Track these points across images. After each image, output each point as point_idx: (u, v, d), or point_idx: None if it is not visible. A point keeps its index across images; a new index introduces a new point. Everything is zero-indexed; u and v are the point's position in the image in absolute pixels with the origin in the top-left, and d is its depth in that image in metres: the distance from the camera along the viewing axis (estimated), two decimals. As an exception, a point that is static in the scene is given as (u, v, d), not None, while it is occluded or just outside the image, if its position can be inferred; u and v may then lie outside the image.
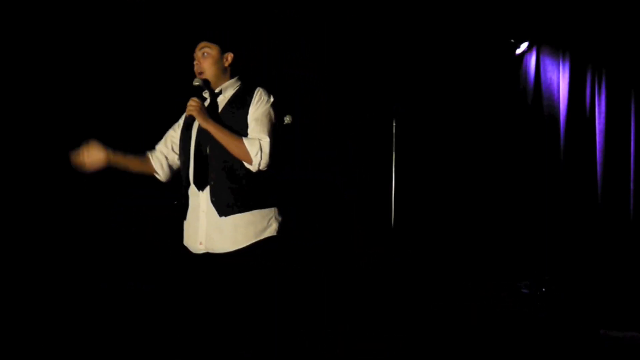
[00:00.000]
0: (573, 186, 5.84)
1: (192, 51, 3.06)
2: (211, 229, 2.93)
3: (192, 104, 2.90)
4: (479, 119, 6.24)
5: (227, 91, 3.06)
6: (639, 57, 5.52)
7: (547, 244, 5.87)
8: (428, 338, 4.22)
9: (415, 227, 5.98)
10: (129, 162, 3.13)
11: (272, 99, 3.03)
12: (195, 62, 3.05)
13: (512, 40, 6.28)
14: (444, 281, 5.69)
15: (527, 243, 5.91)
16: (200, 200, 2.98)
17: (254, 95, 3.01)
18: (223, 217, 2.91)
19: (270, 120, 2.99)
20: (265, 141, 2.91)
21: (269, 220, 2.98)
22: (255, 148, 2.89)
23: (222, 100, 3.04)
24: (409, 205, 5.70)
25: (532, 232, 5.94)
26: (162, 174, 3.18)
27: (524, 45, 6.25)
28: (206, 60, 3.01)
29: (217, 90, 3.05)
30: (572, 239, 5.77)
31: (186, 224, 3.06)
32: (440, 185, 6.19)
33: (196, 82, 3.00)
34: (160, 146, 3.21)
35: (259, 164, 2.89)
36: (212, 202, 2.93)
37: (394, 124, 4.72)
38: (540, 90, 6.12)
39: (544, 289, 4.59)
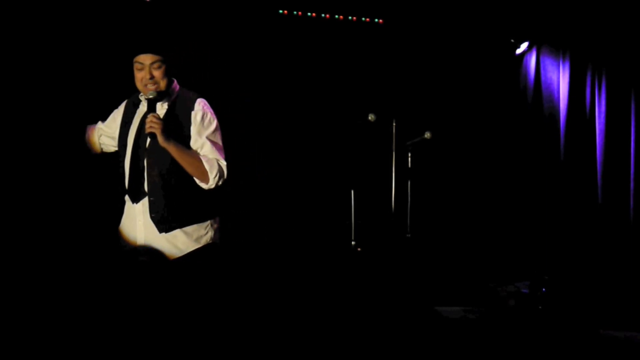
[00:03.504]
0: (573, 186, 5.83)
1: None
2: (149, 239, 2.92)
3: (155, 121, 2.83)
4: (478, 119, 6.25)
5: (165, 100, 3.00)
6: (639, 57, 5.52)
7: (546, 244, 5.87)
8: (428, 338, 4.23)
9: (415, 227, 5.98)
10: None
11: (212, 110, 3.02)
12: (143, 74, 2.94)
13: (512, 40, 6.28)
14: (444, 281, 5.69)
15: (527, 243, 5.91)
16: (136, 211, 2.95)
17: (195, 108, 2.98)
18: (163, 233, 2.91)
19: (220, 137, 3.02)
20: (223, 163, 2.95)
21: (206, 228, 2.99)
22: (215, 170, 2.90)
23: (160, 110, 2.98)
24: (409, 205, 5.70)
25: (532, 232, 5.93)
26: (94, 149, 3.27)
27: (524, 45, 6.25)
28: (160, 71, 2.95)
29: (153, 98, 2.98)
30: (572, 239, 5.77)
31: (122, 227, 3.02)
32: (439, 185, 6.20)
33: (151, 95, 2.92)
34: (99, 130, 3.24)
35: (216, 184, 2.93)
36: (152, 218, 2.91)
37: (394, 124, 4.72)
38: (540, 90, 6.12)
39: (544, 289, 4.59)
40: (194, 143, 2.96)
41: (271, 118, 5.66)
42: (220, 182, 2.93)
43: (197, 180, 2.92)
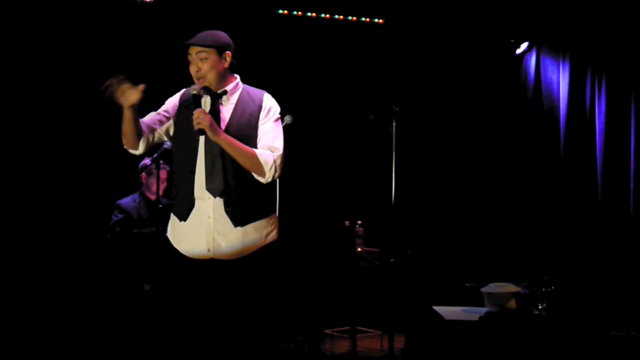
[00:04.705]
0: (573, 186, 5.84)
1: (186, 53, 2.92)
2: (219, 236, 2.87)
3: (202, 116, 2.77)
4: (479, 119, 6.25)
5: (233, 94, 2.96)
6: (639, 58, 5.52)
7: (547, 244, 5.87)
8: (427, 338, 4.22)
9: (415, 227, 5.98)
10: (134, 120, 2.88)
11: (279, 108, 3.01)
12: (192, 66, 2.91)
13: (512, 40, 6.28)
14: (444, 281, 5.69)
15: (527, 243, 5.91)
16: (206, 206, 2.88)
17: (264, 102, 2.97)
18: (239, 227, 2.88)
19: (281, 130, 2.99)
20: (279, 155, 2.91)
21: (272, 224, 2.98)
22: (270, 162, 2.87)
23: (226, 104, 2.95)
24: (409, 206, 5.70)
25: (532, 232, 5.94)
26: (141, 148, 2.98)
27: (524, 45, 6.26)
28: (205, 63, 2.88)
29: (220, 92, 2.94)
30: (572, 239, 5.77)
31: (183, 226, 2.93)
32: (439, 185, 6.20)
33: (194, 91, 2.87)
34: (152, 122, 3.00)
35: (272, 177, 2.89)
36: (227, 212, 2.86)
37: (394, 124, 4.72)
38: (540, 90, 6.12)
39: (544, 289, 4.59)
40: (258, 134, 2.94)
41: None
42: (275, 174, 2.90)
43: (254, 175, 2.88)
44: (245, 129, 2.90)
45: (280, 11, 5.78)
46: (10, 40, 5.12)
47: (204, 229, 2.88)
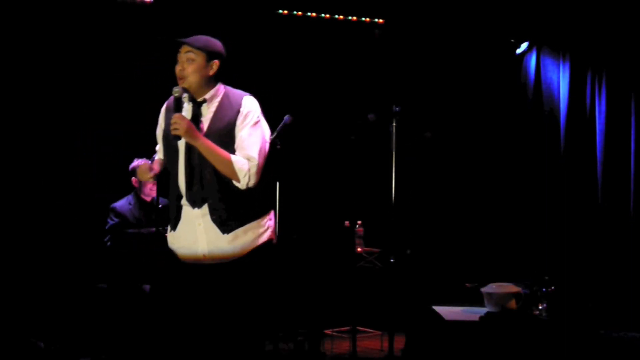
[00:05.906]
0: (573, 186, 5.84)
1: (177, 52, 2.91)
2: (210, 241, 2.87)
3: (179, 122, 2.77)
4: (479, 119, 6.25)
5: (212, 102, 2.92)
6: (639, 58, 5.52)
7: (547, 243, 5.87)
8: (427, 338, 4.23)
9: (415, 227, 5.98)
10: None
11: (259, 110, 2.95)
12: (177, 65, 2.90)
13: (512, 40, 6.29)
14: (444, 281, 5.69)
15: (527, 243, 5.91)
16: (194, 214, 2.89)
17: (242, 106, 2.92)
18: (225, 234, 2.87)
19: (260, 136, 2.92)
20: (254, 163, 2.85)
21: (266, 224, 2.96)
22: (244, 170, 2.83)
23: (206, 112, 2.91)
24: (409, 206, 5.70)
25: (532, 232, 5.93)
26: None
27: (524, 45, 6.26)
28: (190, 66, 2.88)
29: (199, 99, 2.91)
30: (572, 239, 5.77)
31: (175, 234, 2.95)
32: (439, 185, 6.20)
33: (176, 93, 2.84)
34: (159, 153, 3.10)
35: (247, 184, 2.84)
36: (213, 219, 2.86)
37: (394, 124, 4.72)
38: (540, 90, 6.12)
39: (544, 289, 4.59)
40: (236, 140, 2.90)
41: (270, 118, 5.65)
42: (250, 182, 2.85)
43: (233, 181, 2.86)
44: (223, 137, 2.86)
45: (280, 11, 5.78)
46: (10, 41, 5.13)
47: (196, 235, 2.89)
